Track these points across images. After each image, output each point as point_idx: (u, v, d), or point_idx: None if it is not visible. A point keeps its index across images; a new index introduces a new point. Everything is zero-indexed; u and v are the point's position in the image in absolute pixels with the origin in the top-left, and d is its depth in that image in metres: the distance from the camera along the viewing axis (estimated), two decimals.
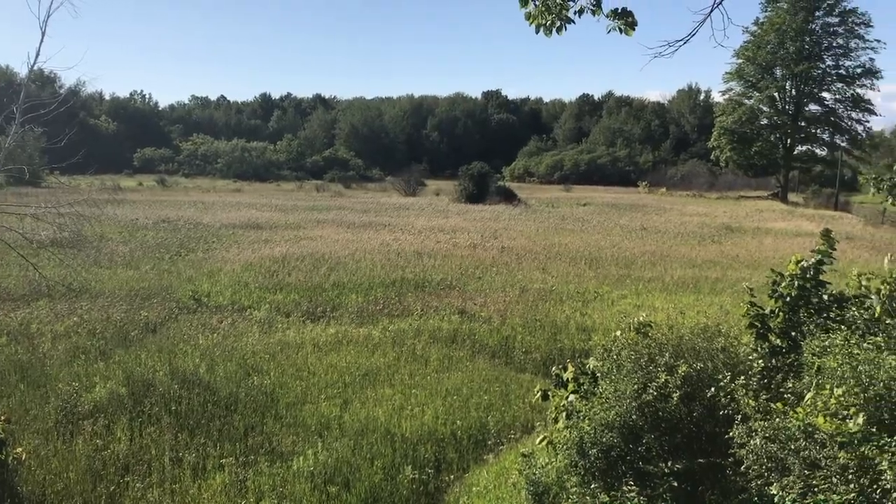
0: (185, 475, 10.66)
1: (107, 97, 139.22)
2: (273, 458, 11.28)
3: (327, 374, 14.92)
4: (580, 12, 6.11)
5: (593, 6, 6.13)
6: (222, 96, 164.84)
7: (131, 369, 14.66)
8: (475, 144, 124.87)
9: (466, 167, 67.33)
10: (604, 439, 8.33)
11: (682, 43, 5.94)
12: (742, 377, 8.39)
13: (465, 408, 13.36)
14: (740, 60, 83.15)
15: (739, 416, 7.82)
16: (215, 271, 25.86)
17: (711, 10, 5.65)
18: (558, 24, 6.24)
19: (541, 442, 9.70)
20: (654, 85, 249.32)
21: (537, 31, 6.29)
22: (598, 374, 9.60)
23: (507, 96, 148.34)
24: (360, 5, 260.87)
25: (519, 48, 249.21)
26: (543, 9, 6.11)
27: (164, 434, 11.87)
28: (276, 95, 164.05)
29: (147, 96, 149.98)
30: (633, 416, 8.49)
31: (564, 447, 8.70)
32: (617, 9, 6.10)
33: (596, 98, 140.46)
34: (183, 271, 25.84)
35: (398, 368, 15.45)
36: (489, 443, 12.20)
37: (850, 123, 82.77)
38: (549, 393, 10.61)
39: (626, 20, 6.13)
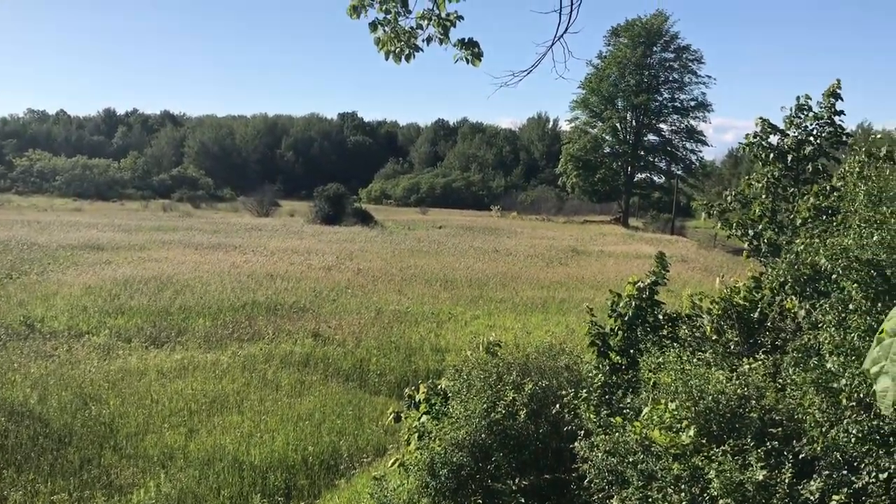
0: None
1: None
2: (111, 492, 10.66)
3: (172, 402, 14.28)
4: (428, 40, 6.23)
5: (441, 35, 6.26)
6: (62, 110, 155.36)
7: None
8: (331, 166, 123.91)
9: (322, 188, 66.70)
10: (454, 459, 8.42)
11: (525, 73, 6.17)
12: (584, 393, 8.72)
13: (317, 433, 13.15)
14: (585, 91, 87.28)
15: (582, 432, 8.14)
16: (50, 295, 24.21)
17: (553, 44, 5.91)
18: (407, 51, 6.34)
19: (393, 464, 9.69)
20: (506, 113, 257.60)
21: (387, 58, 6.36)
22: (450, 394, 9.72)
23: (363, 118, 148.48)
24: (211, 20, 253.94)
25: (375, 71, 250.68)
26: (392, 35, 6.19)
27: None
28: (121, 111, 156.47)
29: None
30: (483, 435, 8.64)
31: (416, 468, 8.73)
32: (464, 39, 6.26)
33: (451, 123, 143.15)
34: (14, 295, 24.03)
35: (248, 394, 15.02)
36: (341, 467, 12.07)
37: (684, 153, 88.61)
38: (402, 415, 10.64)
39: (472, 50, 6.31)
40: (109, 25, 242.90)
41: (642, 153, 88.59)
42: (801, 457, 7.04)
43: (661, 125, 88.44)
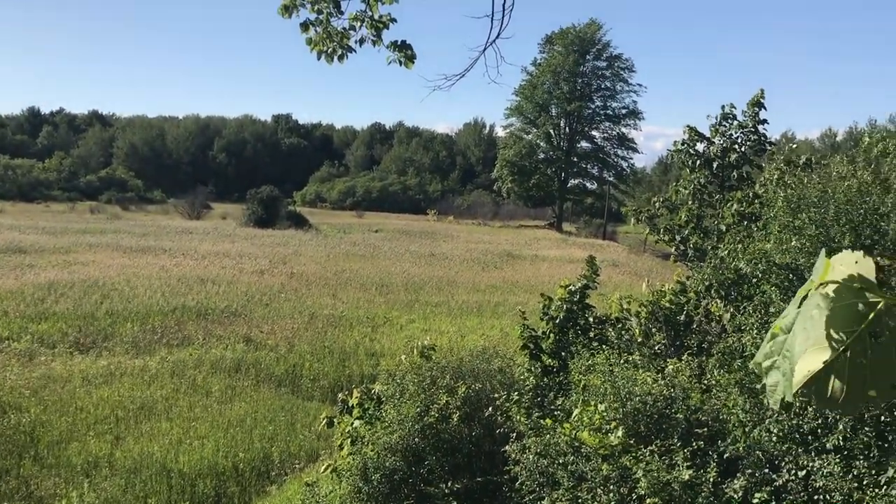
0: None
1: None
2: (30, 503, 10.27)
3: (97, 409, 13.87)
4: (361, 42, 6.21)
5: (374, 37, 6.24)
6: None
7: None
8: (265, 168, 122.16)
9: (255, 191, 65.68)
10: (387, 463, 8.39)
11: (458, 77, 6.20)
12: (516, 396, 8.78)
13: (248, 439, 12.94)
14: (520, 98, 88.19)
15: (514, 434, 8.20)
16: None
17: (485, 49, 5.95)
18: (340, 52, 6.30)
19: (325, 470, 9.60)
20: (443, 118, 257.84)
21: (319, 58, 6.31)
22: (383, 399, 9.68)
23: (297, 121, 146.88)
24: (141, 17, 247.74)
25: (310, 72, 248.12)
26: (325, 36, 6.14)
27: None
28: (46, 110, 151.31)
29: None
30: (416, 439, 8.63)
31: (348, 473, 8.67)
32: (397, 41, 6.26)
33: (388, 127, 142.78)
34: None
35: (177, 401, 14.68)
36: (273, 474, 11.90)
37: (616, 160, 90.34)
38: (335, 420, 10.55)
39: (405, 53, 6.31)
40: (33, 20, 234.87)
41: (575, 159, 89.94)
42: (725, 456, 7.23)
43: (594, 132, 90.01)
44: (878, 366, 0.96)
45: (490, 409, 8.91)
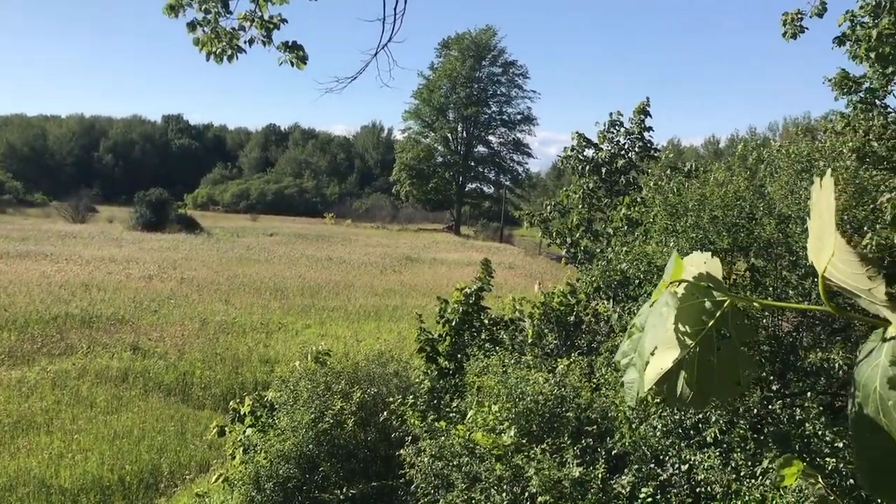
0: None
1: None
2: None
3: None
4: (251, 42, 6.09)
5: (265, 38, 6.13)
6: None
7: None
8: (155, 170, 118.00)
9: (144, 193, 63.34)
10: (280, 471, 8.25)
11: (350, 80, 6.16)
12: (411, 399, 8.79)
13: (135, 451, 12.45)
14: (417, 102, 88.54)
15: (410, 437, 8.21)
16: None
17: (377, 52, 5.94)
18: (230, 52, 6.16)
19: (216, 480, 9.36)
20: (340, 120, 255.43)
21: (208, 59, 6.15)
22: (276, 406, 9.52)
23: (189, 121, 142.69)
24: (18, 12, 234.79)
25: (201, 72, 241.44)
26: (213, 36, 5.99)
27: None
28: None
29: None
30: (311, 446, 8.52)
31: (240, 483, 8.48)
32: (288, 42, 6.17)
33: (283, 129, 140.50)
34: None
35: (58, 413, 13.98)
36: (161, 486, 11.50)
37: (512, 165, 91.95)
38: (227, 428, 10.30)
39: (297, 54, 6.23)
40: None
41: (473, 164, 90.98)
42: (613, 452, 7.45)
43: (490, 137, 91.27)
44: (724, 363, 1.01)
45: (385, 413, 8.90)
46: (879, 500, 0.92)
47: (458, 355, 10.64)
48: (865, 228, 7.71)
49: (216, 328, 21.87)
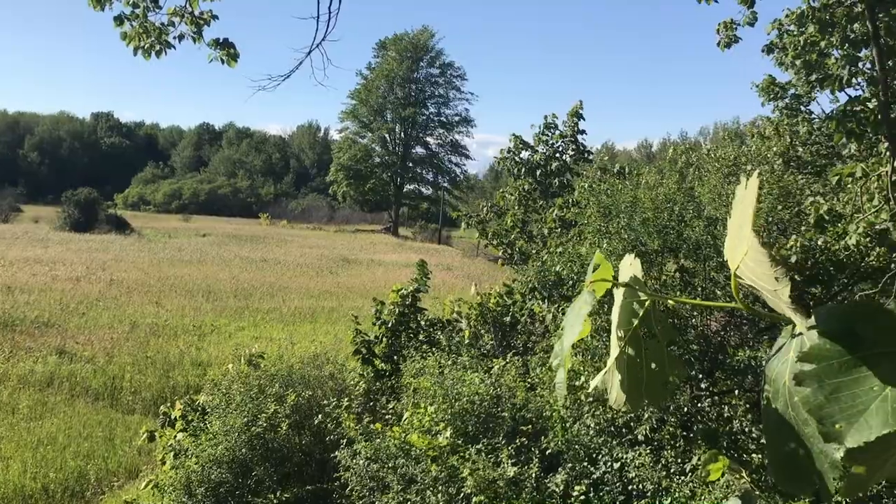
0: None
1: None
2: None
3: None
4: (181, 38, 5.96)
5: (195, 34, 6.02)
6: None
7: None
8: (83, 169, 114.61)
9: (71, 192, 61.40)
10: (212, 476, 8.10)
11: (283, 78, 6.09)
12: (346, 401, 8.74)
13: (60, 458, 12.05)
14: (355, 102, 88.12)
15: (345, 440, 8.15)
16: None
17: (311, 50, 5.88)
18: (158, 47, 6.02)
19: (146, 486, 9.12)
20: (276, 119, 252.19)
21: (135, 54, 6.00)
22: (208, 410, 9.35)
23: (119, 119, 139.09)
24: None
25: (132, 69, 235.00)
26: (141, 31, 5.84)
27: None
28: None
29: None
30: (244, 450, 8.39)
31: (171, 489, 8.29)
32: (219, 39, 6.06)
33: (216, 127, 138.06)
34: None
35: None
36: (88, 494, 11.16)
37: (450, 166, 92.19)
38: (157, 433, 10.07)
39: (228, 51, 6.12)
40: None
41: (411, 165, 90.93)
42: (547, 452, 7.53)
43: (428, 138, 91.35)
44: (652, 363, 1.03)
45: (320, 416, 8.82)
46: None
47: (395, 357, 10.63)
48: (790, 231, 7.97)
49: (147, 331, 21.35)
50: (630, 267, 1.02)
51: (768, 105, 11.27)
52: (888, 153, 7.04)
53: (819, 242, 7.29)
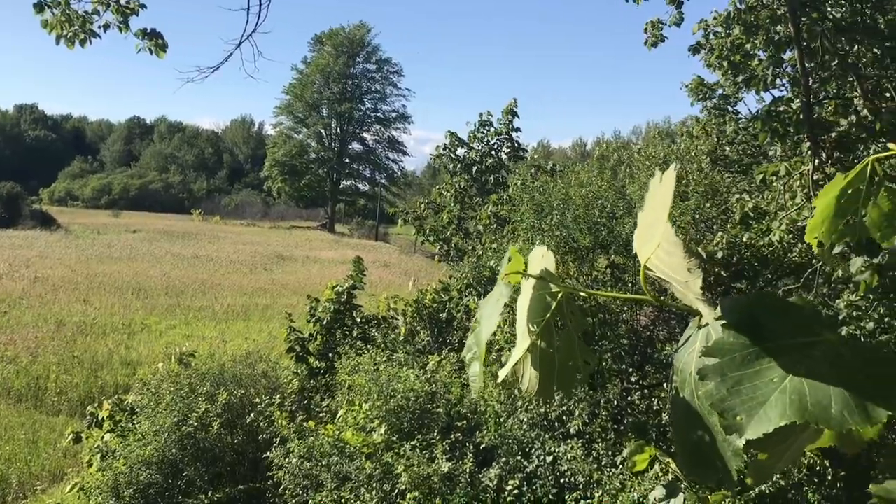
0: None
1: None
2: None
3: None
4: (106, 27, 5.79)
5: (121, 23, 5.85)
6: None
7: None
8: (6, 163, 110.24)
9: None
10: (141, 477, 7.92)
11: (212, 70, 5.98)
12: (278, 399, 8.65)
13: None
14: (290, 96, 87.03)
15: (278, 439, 8.06)
16: None
17: (240, 43, 5.79)
18: (82, 36, 5.83)
19: (71, 489, 8.87)
20: (209, 113, 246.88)
21: (58, 42, 5.80)
22: (137, 410, 9.13)
23: (45, 112, 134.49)
24: None
25: (59, 60, 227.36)
26: (63, 19, 5.65)
27: None
28: None
29: None
30: (174, 450, 8.23)
31: (97, 491, 8.08)
32: (146, 29, 5.91)
33: (148, 121, 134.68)
34: None
35: None
36: (9, 499, 10.77)
37: (387, 162, 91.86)
38: (83, 435, 9.79)
39: (156, 42, 5.98)
40: None
41: (347, 161, 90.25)
42: (482, 447, 7.59)
43: (365, 134, 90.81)
44: (564, 354, 1.04)
45: (253, 414, 8.70)
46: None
47: (330, 354, 10.55)
48: (716, 227, 8.19)
49: (74, 330, 20.72)
50: (542, 259, 1.03)
51: (697, 105, 11.55)
52: (810, 152, 7.28)
53: (744, 239, 7.50)
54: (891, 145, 1.22)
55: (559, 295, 1.00)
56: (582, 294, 1.07)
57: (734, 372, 0.80)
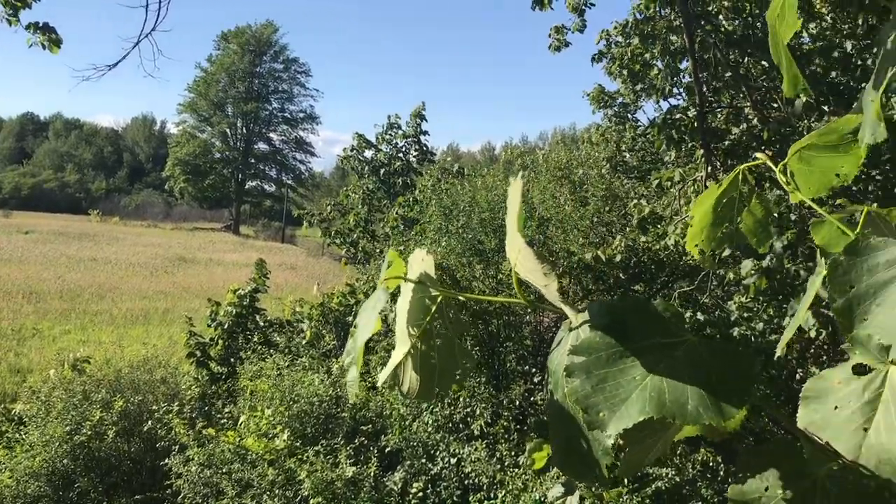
0: None
1: None
2: None
3: None
4: None
5: (10, 16, 5.59)
6: None
7: None
8: None
9: None
10: (29, 490, 7.57)
11: (109, 68, 5.76)
12: (177, 406, 8.43)
13: None
14: (194, 95, 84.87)
15: (177, 447, 7.85)
16: None
17: (139, 40, 5.61)
18: None
19: None
20: (108, 110, 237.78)
21: None
22: (26, 420, 8.72)
23: None
24: None
25: None
26: None
27: None
28: None
29: None
30: (65, 460, 7.91)
31: None
32: (38, 23, 5.66)
33: (42, 118, 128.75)
34: None
35: None
36: None
37: (294, 163, 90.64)
38: None
39: (49, 36, 5.73)
40: None
41: (253, 161, 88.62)
42: (387, 450, 7.58)
43: (272, 134, 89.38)
44: (443, 356, 1.05)
45: (151, 422, 8.44)
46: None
47: (232, 359, 10.34)
48: (616, 231, 8.44)
49: None
50: (422, 263, 1.04)
51: (598, 112, 11.88)
52: (703, 159, 7.59)
53: (642, 242, 7.76)
54: (758, 154, 1.28)
55: (438, 298, 1.02)
56: (460, 298, 1.09)
57: (599, 370, 0.83)
